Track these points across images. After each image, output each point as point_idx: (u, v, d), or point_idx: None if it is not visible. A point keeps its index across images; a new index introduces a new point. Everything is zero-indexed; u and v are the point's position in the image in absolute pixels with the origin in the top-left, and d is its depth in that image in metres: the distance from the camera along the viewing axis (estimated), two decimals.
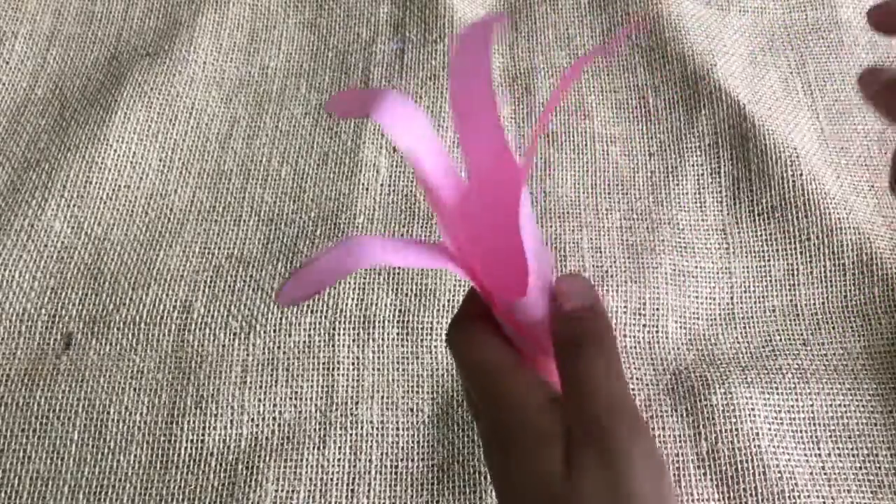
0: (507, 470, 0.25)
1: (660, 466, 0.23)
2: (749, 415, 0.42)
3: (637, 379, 0.45)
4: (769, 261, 0.49)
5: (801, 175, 0.51)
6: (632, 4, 0.60)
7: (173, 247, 0.50)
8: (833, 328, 0.47)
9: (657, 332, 0.46)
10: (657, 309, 0.47)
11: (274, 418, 0.44)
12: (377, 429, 0.43)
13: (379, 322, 0.46)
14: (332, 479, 0.42)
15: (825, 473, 0.41)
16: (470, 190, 0.26)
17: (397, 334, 0.46)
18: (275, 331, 0.46)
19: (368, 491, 0.42)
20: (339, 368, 0.45)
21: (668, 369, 0.45)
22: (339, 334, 0.46)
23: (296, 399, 0.44)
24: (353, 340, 0.46)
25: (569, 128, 0.55)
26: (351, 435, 0.43)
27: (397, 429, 0.43)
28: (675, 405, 0.43)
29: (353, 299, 0.47)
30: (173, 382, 0.45)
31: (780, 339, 0.46)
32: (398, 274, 0.48)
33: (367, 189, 0.52)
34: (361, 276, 0.48)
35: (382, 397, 0.44)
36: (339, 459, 0.43)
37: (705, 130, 0.54)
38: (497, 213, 0.26)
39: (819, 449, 0.42)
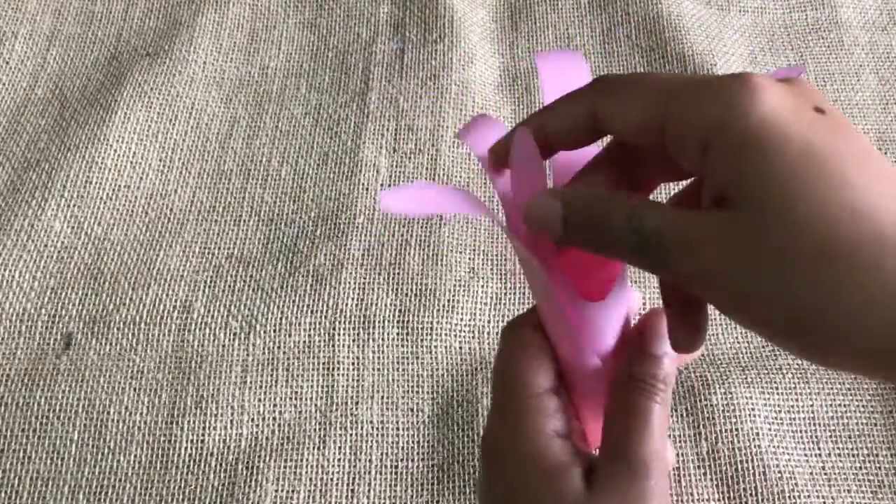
0: (514, 490, 0.25)
1: None
2: (749, 415, 0.42)
3: None
4: None
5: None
6: (632, 4, 0.60)
7: (173, 247, 0.50)
8: None
9: None
10: None
11: (274, 418, 0.44)
12: (377, 429, 0.43)
13: (379, 322, 0.46)
14: (332, 479, 0.42)
15: (825, 473, 0.41)
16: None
17: (397, 334, 0.46)
18: (275, 331, 0.46)
19: (368, 491, 0.42)
20: (339, 368, 0.45)
21: None
22: (339, 334, 0.46)
23: (296, 399, 0.44)
24: (353, 340, 0.46)
25: None
26: (351, 435, 0.43)
27: (397, 429, 0.43)
28: (675, 405, 0.43)
29: (353, 299, 0.47)
30: (173, 382, 0.45)
31: None
32: (398, 274, 0.48)
33: (367, 189, 0.52)
34: (361, 277, 0.48)
35: (382, 397, 0.44)
36: (339, 459, 0.42)
37: None
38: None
39: (819, 449, 0.42)
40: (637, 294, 0.30)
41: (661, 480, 0.24)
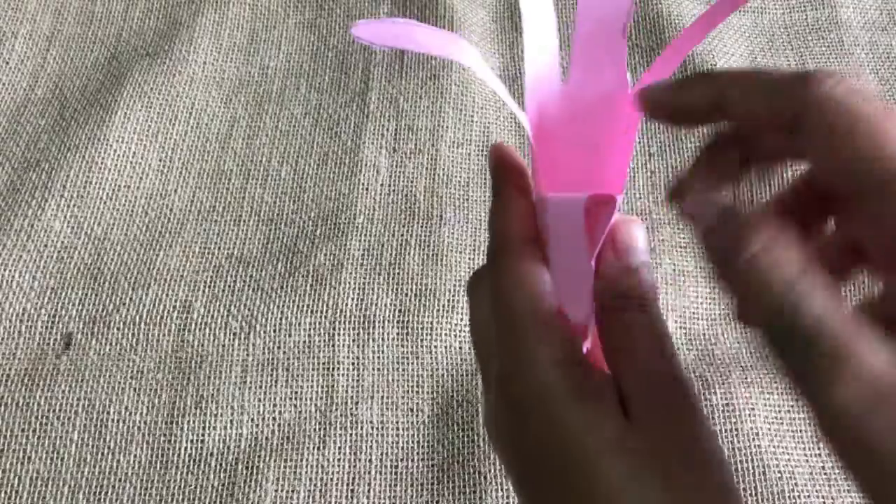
0: (540, 432, 0.22)
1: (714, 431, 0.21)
2: (749, 415, 0.42)
3: None
4: None
5: (801, 174, 0.51)
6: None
7: (173, 247, 0.50)
8: None
9: None
10: None
11: (274, 418, 0.44)
12: (377, 429, 0.43)
13: (379, 322, 0.46)
14: (332, 479, 0.42)
15: (825, 473, 0.41)
16: (568, 94, 0.25)
17: (397, 334, 0.46)
18: (275, 331, 0.46)
19: (368, 491, 0.42)
20: (339, 368, 0.45)
21: None
22: (339, 334, 0.46)
23: (296, 399, 0.44)
24: (353, 340, 0.46)
25: None
26: (351, 435, 0.43)
27: (397, 429, 0.43)
28: None
29: (353, 299, 0.47)
30: (173, 382, 0.45)
31: None
32: (398, 274, 0.48)
33: (367, 189, 0.52)
34: (361, 277, 0.48)
35: (382, 397, 0.44)
36: (339, 459, 0.42)
37: (705, 130, 0.54)
38: (601, 109, 0.25)
39: (819, 449, 0.42)
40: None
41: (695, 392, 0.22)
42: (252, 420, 0.44)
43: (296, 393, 0.44)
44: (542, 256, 0.24)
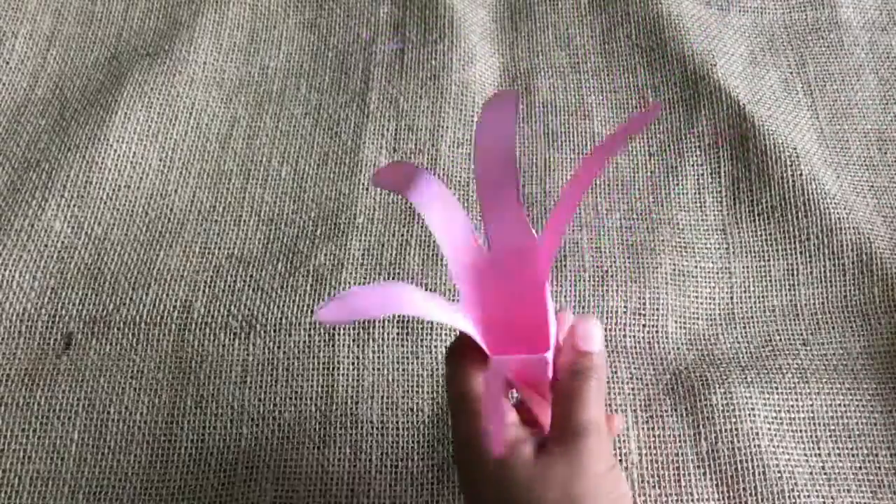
0: (480, 468, 0.30)
1: (611, 462, 0.30)
2: (749, 415, 0.42)
3: (637, 379, 0.45)
4: (769, 261, 0.49)
5: (801, 175, 0.51)
6: (632, 4, 0.60)
7: (173, 247, 0.50)
8: (833, 328, 0.47)
9: (657, 332, 0.46)
10: (657, 309, 0.47)
11: (274, 418, 0.44)
12: (377, 429, 0.43)
13: (379, 322, 0.46)
14: (332, 479, 0.42)
15: (825, 473, 0.41)
16: (492, 259, 0.31)
17: (397, 334, 0.46)
18: (275, 331, 0.46)
19: (368, 491, 0.42)
20: (339, 368, 0.45)
21: (668, 369, 0.45)
22: (339, 334, 0.46)
23: (296, 399, 0.44)
24: (353, 340, 0.46)
25: (568, 128, 0.55)
26: (351, 435, 0.43)
27: (397, 429, 0.43)
28: (675, 405, 0.43)
29: None
30: (173, 382, 0.45)
31: (780, 339, 0.46)
32: (398, 274, 0.48)
33: (367, 189, 0.52)
34: (361, 277, 0.48)
35: (382, 397, 0.44)
36: (339, 459, 0.43)
37: (705, 130, 0.54)
38: (518, 280, 0.31)
39: (819, 449, 0.42)
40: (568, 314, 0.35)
41: (598, 439, 0.30)
42: (252, 420, 0.44)
43: (296, 393, 0.44)
44: (483, 359, 0.31)
